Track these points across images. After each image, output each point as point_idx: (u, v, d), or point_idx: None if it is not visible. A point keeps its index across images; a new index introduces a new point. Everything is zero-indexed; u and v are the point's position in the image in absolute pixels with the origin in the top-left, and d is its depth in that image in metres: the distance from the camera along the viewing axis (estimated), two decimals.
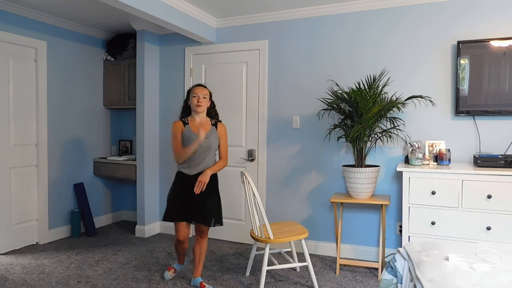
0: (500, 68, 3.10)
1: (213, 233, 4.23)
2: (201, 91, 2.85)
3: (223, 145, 2.96)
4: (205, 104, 2.86)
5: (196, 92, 2.84)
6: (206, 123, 2.91)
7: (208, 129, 2.87)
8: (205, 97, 2.85)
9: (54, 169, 4.21)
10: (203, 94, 2.84)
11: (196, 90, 2.85)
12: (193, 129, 2.82)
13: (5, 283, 3.04)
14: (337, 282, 3.12)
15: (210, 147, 2.85)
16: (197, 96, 2.83)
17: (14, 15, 3.74)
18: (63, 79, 4.30)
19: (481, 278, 1.56)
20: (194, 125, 2.85)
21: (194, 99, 2.83)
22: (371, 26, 3.57)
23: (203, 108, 2.85)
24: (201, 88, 2.87)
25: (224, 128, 2.98)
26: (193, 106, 2.84)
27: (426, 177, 2.93)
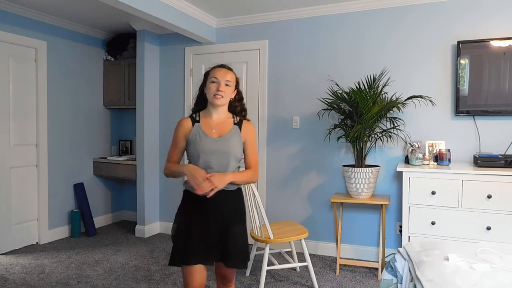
0: (500, 68, 3.10)
1: None
2: (224, 75, 1.96)
3: (251, 152, 2.06)
4: (227, 94, 1.96)
5: (216, 75, 1.95)
6: (226, 121, 2.02)
7: (227, 129, 1.99)
8: (228, 85, 1.96)
9: (54, 169, 4.21)
10: (225, 80, 1.95)
11: (217, 72, 1.97)
12: (204, 129, 1.97)
13: (5, 283, 3.04)
14: (337, 282, 3.12)
15: (229, 153, 1.94)
16: (217, 81, 1.94)
17: (14, 15, 3.74)
18: (63, 79, 4.30)
19: (481, 278, 1.56)
20: (208, 123, 1.99)
21: (212, 85, 1.94)
22: (371, 26, 3.57)
23: (223, 100, 1.95)
24: (224, 71, 1.98)
25: (252, 128, 2.08)
26: (210, 95, 1.95)
27: (426, 177, 2.92)
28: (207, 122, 2.00)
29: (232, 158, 1.95)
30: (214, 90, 1.93)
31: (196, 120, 2.01)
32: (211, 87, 1.94)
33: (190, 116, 2.04)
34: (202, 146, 1.92)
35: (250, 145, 2.05)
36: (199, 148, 1.92)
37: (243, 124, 2.05)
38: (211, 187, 1.81)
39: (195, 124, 1.99)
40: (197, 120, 2.01)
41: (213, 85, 1.95)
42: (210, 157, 1.92)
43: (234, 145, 1.97)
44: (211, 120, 2.00)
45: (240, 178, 1.97)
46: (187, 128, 1.99)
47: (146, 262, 3.54)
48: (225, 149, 1.94)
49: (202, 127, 1.97)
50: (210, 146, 1.93)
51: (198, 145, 1.93)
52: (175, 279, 3.15)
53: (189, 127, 1.99)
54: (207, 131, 1.96)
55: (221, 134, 1.97)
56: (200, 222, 1.93)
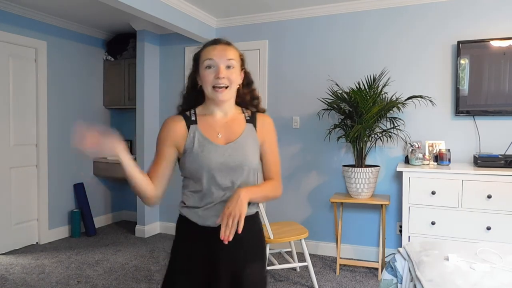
0: (500, 68, 3.10)
1: None
2: (223, 53, 1.36)
3: (271, 156, 1.49)
4: (233, 80, 1.36)
5: (211, 55, 1.35)
6: (236, 119, 1.43)
7: (239, 131, 1.41)
8: (231, 66, 1.36)
9: (54, 169, 4.21)
10: (226, 59, 1.35)
11: (211, 52, 1.36)
12: (206, 133, 1.38)
13: (5, 283, 3.04)
14: (337, 282, 3.12)
15: (246, 166, 1.37)
16: (214, 64, 1.35)
17: (14, 15, 3.74)
18: (63, 79, 4.30)
19: (481, 278, 1.56)
20: (209, 124, 1.40)
21: (208, 73, 1.35)
22: (372, 26, 3.57)
23: (229, 92, 1.37)
24: (221, 47, 1.37)
25: (271, 123, 1.50)
26: (208, 89, 1.36)
27: (426, 177, 2.92)
28: (208, 123, 1.39)
29: (251, 172, 1.38)
30: (212, 79, 1.33)
31: (191, 121, 1.38)
32: (207, 76, 1.34)
33: (183, 114, 1.40)
34: (206, 160, 1.31)
35: (269, 147, 1.47)
36: (202, 163, 1.31)
37: (257, 118, 1.45)
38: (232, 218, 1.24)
39: (191, 127, 1.37)
40: (193, 120, 1.38)
41: (209, 72, 1.34)
42: (219, 175, 1.33)
43: (251, 153, 1.38)
44: (214, 119, 1.40)
45: (260, 193, 1.38)
46: (179, 133, 1.36)
47: (146, 262, 3.54)
48: (240, 160, 1.34)
49: (202, 131, 1.36)
50: (218, 158, 1.32)
51: (199, 158, 1.32)
52: None
53: (181, 132, 1.36)
54: (211, 136, 1.36)
55: (230, 138, 1.37)
56: (205, 267, 1.34)
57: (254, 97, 1.50)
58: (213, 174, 1.33)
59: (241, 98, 1.47)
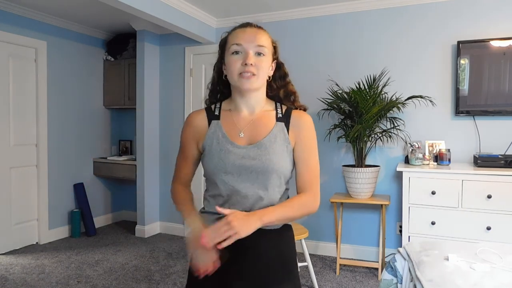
0: (500, 68, 3.10)
1: None
2: (252, 38, 1.20)
3: (307, 163, 1.33)
4: (263, 69, 1.21)
5: (239, 40, 1.20)
6: (265, 116, 1.26)
7: (266, 130, 1.24)
8: (262, 53, 1.20)
9: (54, 169, 4.21)
10: (256, 45, 1.19)
11: (240, 35, 1.21)
12: (227, 130, 1.24)
13: (5, 283, 3.04)
14: (337, 282, 3.12)
15: (270, 171, 1.20)
16: (242, 50, 1.19)
17: (14, 15, 3.74)
18: (63, 79, 4.30)
19: (481, 278, 1.56)
20: (233, 121, 1.26)
21: (234, 59, 1.19)
22: (371, 26, 3.57)
23: (257, 80, 1.20)
24: (251, 31, 1.22)
25: (309, 123, 1.31)
26: (233, 76, 1.20)
27: (426, 177, 2.92)
28: (231, 119, 1.24)
29: (276, 179, 1.20)
30: (239, 67, 1.17)
31: (214, 116, 1.25)
32: (233, 63, 1.17)
33: (206, 108, 1.29)
34: (222, 161, 1.18)
35: (303, 150, 1.27)
36: (217, 164, 1.18)
37: (292, 116, 1.26)
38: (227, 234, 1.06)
39: (213, 122, 1.24)
40: (217, 115, 1.26)
41: (236, 58, 1.18)
42: (238, 180, 1.17)
43: (279, 156, 1.20)
44: (239, 116, 1.24)
45: (282, 215, 1.20)
46: (201, 128, 1.25)
47: (146, 262, 3.54)
48: (263, 164, 1.17)
49: (224, 127, 1.23)
50: (236, 160, 1.17)
51: (215, 158, 1.19)
52: (175, 279, 3.15)
53: (202, 127, 1.25)
54: (231, 134, 1.21)
55: (254, 138, 1.21)
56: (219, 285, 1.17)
57: (290, 93, 1.33)
58: (230, 179, 1.17)
59: (274, 91, 1.30)
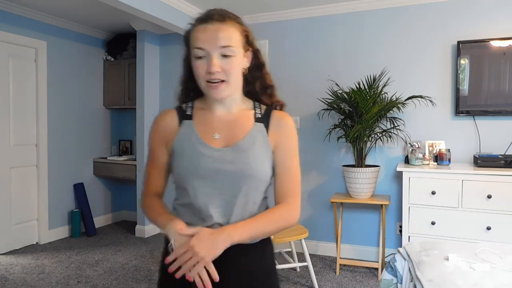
0: (500, 68, 3.10)
1: None
2: (214, 37, 1.04)
3: (286, 168, 1.13)
4: (233, 72, 1.06)
5: (200, 42, 1.04)
6: (242, 115, 1.13)
7: (243, 132, 1.10)
8: (228, 55, 1.04)
9: (54, 169, 4.21)
10: (219, 45, 1.03)
11: (200, 35, 1.05)
12: (200, 132, 1.11)
13: (5, 283, 3.04)
14: (337, 282, 3.12)
15: (247, 177, 1.06)
16: (205, 53, 1.04)
17: (14, 15, 3.74)
18: (63, 79, 4.30)
19: (481, 278, 1.56)
20: (207, 121, 1.13)
21: (199, 64, 1.05)
22: (371, 26, 3.57)
23: (226, 88, 1.06)
24: (212, 28, 1.05)
25: (290, 124, 1.14)
26: (201, 83, 1.07)
27: (426, 177, 2.92)
28: (205, 119, 1.12)
29: (255, 185, 1.07)
30: (204, 73, 1.03)
31: (186, 115, 1.13)
32: (198, 68, 1.04)
33: (177, 108, 1.16)
34: (193, 164, 1.05)
35: (283, 155, 1.11)
36: (187, 168, 1.06)
37: (271, 117, 1.12)
38: (193, 261, 0.95)
39: (184, 123, 1.12)
40: (189, 114, 1.13)
41: (200, 63, 1.03)
42: (209, 186, 1.05)
43: (258, 160, 1.07)
44: (214, 115, 1.12)
45: (256, 231, 1.06)
46: (170, 129, 1.12)
47: (146, 262, 3.54)
48: (239, 168, 1.04)
49: (196, 128, 1.10)
50: (210, 163, 1.05)
51: (185, 161, 1.06)
52: None
53: (172, 128, 1.12)
54: (205, 136, 1.09)
55: (231, 140, 1.08)
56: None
57: (267, 85, 1.16)
58: (203, 185, 1.04)
59: (250, 86, 1.15)
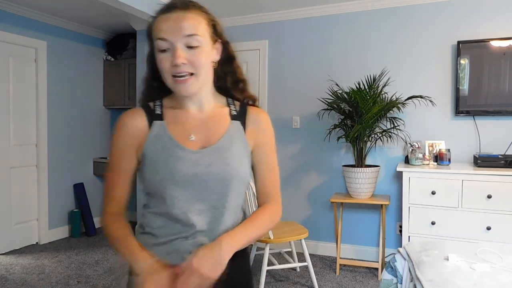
0: (500, 68, 3.10)
1: None
2: (179, 27, 0.93)
3: (268, 166, 1.08)
4: (202, 65, 0.96)
5: (163, 33, 0.93)
6: (216, 114, 1.05)
7: (220, 131, 1.02)
8: (194, 46, 0.94)
9: (54, 169, 4.21)
10: (184, 35, 0.93)
11: (163, 25, 0.94)
12: (174, 133, 1.00)
13: (5, 283, 3.04)
14: (337, 282, 3.12)
15: (229, 179, 0.98)
16: (168, 46, 0.94)
17: (14, 15, 3.74)
18: (63, 79, 4.30)
19: (481, 278, 1.56)
20: (180, 121, 1.02)
21: (163, 58, 0.94)
22: (371, 26, 3.57)
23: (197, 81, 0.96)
24: (177, 17, 0.94)
25: (266, 121, 1.08)
26: (167, 80, 0.96)
27: (426, 177, 2.92)
28: (178, 120, 1.01)
29: (236, 188, 1.00)
30: (169, 67, 0.94)
31: (155, 115, 1.01)
32: (162, 62, 0.95)
33: (144, 107, 1.03)
34: (170, 170, 0.95)
35: (262, 153, 1.06)
36: (163, 174, 0.95)
37: (247, 114, 1.06)
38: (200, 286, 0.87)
39: (155, 124, 1.00)
40: (158, 114, 1.01)
41: (164, 57, 0.94)
42: (189, 192, 0.96)
43: (237, 161, 1.00)
44: (187, 114, 1.02)
45: (253, 235, 1.00)
46: (139, 132, 0.99)
47: None
48: (220, 171, 0.97)
49: (170, 130, 1.00)
50: (188, 168, 0.96)
51: (160, 167, 0.96)
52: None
53: (141, 130, 0.99)
54: (180, 137, 0.99)
55: (208, 141, 1.00)
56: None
57: (238, 80, 1.09)
58: (182, 192, 0.95)
59: (221, 81, 1.06)
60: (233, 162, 0.99)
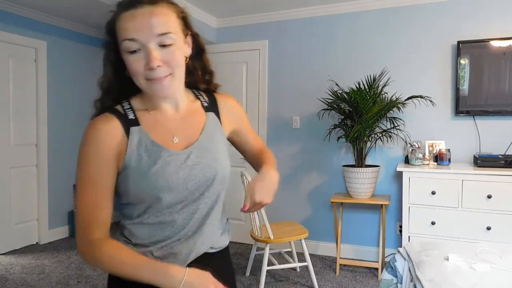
0: (500, 68, 3.10)
1: None
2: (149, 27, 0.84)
3: (252, 135, 1.17)
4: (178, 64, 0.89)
5: (131, 34, 0.84)
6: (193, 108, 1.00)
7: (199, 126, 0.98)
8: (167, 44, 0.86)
9: (54, 169, 4.21)
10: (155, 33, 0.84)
11: (130, 25, 0.84)
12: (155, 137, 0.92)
13: (5, 283, 3.04)
14: (337, 282, 3.12)
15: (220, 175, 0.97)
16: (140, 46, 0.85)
17: (14, 15, 3.74)
18: (63, 79, 4.30)
19: (481, 278, 1.56)
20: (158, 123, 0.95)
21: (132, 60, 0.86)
22: (371, 26, 3.57)
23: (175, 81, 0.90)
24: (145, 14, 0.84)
25: (235, 103, 1.11)
26: (139, 82, 0.88)
27: (426, 177, 2.92)
28: (156, 121, 0.95)
29: (223, 181, 0.99)
30: (143, 71, 0.86)
31: (130, 121, 0.92)
32: (133, 65, 0.86)
33: (114, 113, 0.92)
34: (162, 177, 0.89)
35: (245, 129, 1.14)
36: (155, 183, 0.89)
37: (218, 102, 1.05)
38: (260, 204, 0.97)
39: (133, 130, 0.91)
40: (133, 119, 0.92)
41: (134, 59, 0.85)
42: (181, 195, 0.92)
43: (222, 155, 0.99)
44: (164, 115, 0.96)
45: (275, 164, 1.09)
46: (118, 141, 0.89)
47: None
48: (211, 168, 0.95)
49: (150, 134, 0.92)
50: (178, 170, 0.91)
51: (150, 176, 0.89)
52: None
53: (120, 139, 0.90)
54: (162, 141, 0.93)
55: (190, 139, 0.96)
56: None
57: (207, 71, 1.05)
58: (175, 194, 0.91)
59: (191, 76, 1.01)
60: (219, 155, 0.98)
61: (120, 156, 0.89)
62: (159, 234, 0.93)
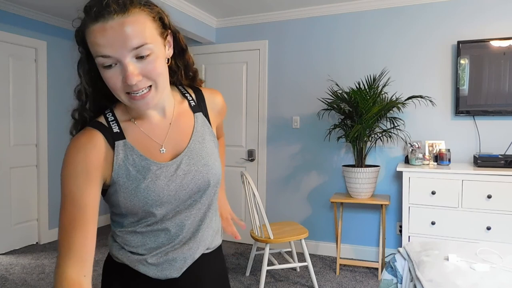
0: (500, 68, 3.10)
1: None
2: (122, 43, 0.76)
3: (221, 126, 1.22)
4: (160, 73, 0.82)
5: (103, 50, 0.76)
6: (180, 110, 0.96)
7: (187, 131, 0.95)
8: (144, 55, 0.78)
9: (54, 169, 4.21)
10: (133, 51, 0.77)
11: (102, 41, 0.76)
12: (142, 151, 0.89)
13: (5, 283, 3.04)
14: (337, 282, 3.12)
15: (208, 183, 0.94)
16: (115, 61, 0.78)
17: (14, 15, 3.74)
18: (63, 79, 4.30)
19: (481, 278, 1.56)
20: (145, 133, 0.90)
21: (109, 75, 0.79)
22: (371, 26, 3.57)
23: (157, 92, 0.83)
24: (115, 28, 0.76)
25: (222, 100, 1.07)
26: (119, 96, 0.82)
27: (426, 177, 2.92)
28: (141, 133, 0.90)
29: (216, 187, 0.98)
30: (120, 85, 0.80)
31: (114, 134, 0.87)
32: (110, 80, 0.80)
33: (97, 126, 0.87)
34: (153, 192, 0.87)
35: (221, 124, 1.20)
36: (146, 199, 0.87)
37: (206, 100, 1.02)
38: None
39: (118, 144, 0.87)
40: (117, 132, 0.87)
41: (111, 74, 0.79)
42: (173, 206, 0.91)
43: (214, 159, 0.97)
44: (150, 124, 0.92)
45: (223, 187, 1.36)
46: (103, 157, 0.85)
47: None
48: (202, 177, 0.93)
49: (137, 147, 0.89)
50: (171, 184, 0.89)
51: (140, 192, 0.86)
52: None
53: (104, 154, 0.85)
54: (149, 153, 0.89)
55: (180, 146, 0.93)
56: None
57: (190, 69, 1.00)
58: (167, 206, 0.89)
59: (174, 75, 0.98)
60: (209, 160, 0.95)
61: (106, 172, 0.85)
62: (152, 242, 0.91)
